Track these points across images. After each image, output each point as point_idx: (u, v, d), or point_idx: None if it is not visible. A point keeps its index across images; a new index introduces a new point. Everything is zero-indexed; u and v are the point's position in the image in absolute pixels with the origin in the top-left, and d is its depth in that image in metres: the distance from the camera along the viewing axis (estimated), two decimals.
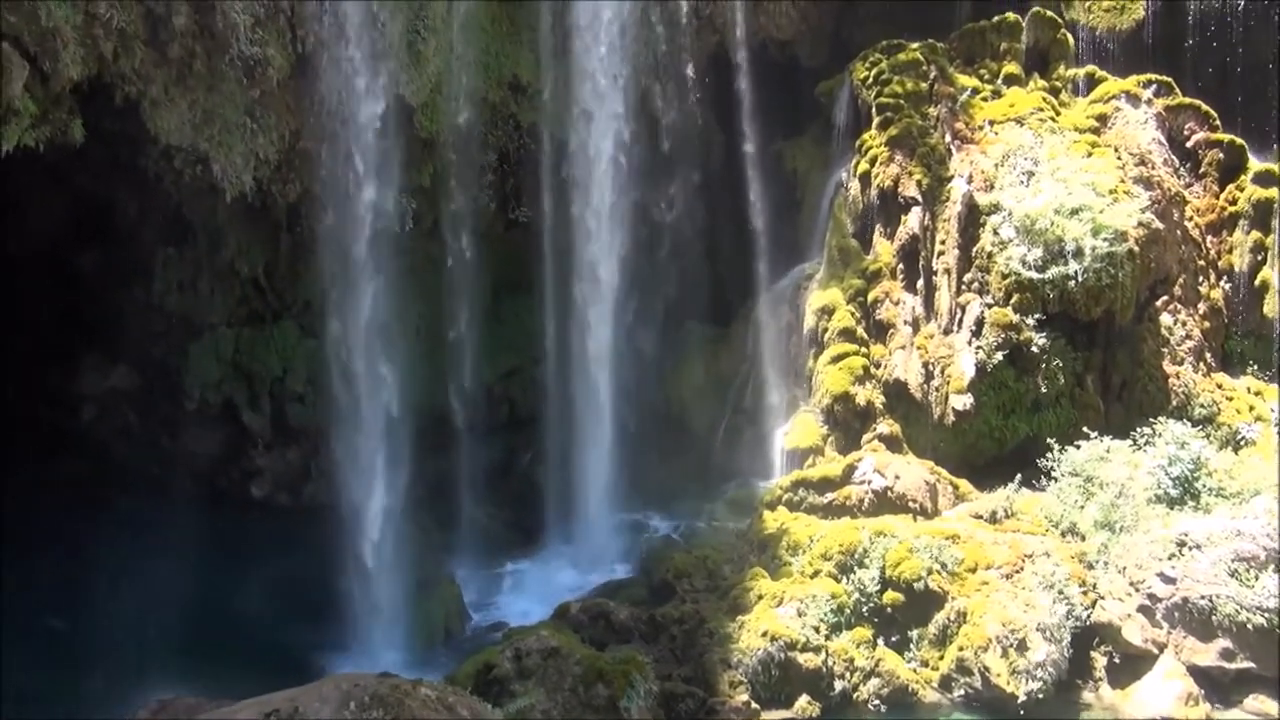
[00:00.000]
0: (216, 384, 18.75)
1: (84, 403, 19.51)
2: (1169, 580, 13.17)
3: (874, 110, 17.35)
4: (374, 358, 15.62)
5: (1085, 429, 15.39)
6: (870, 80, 17.61)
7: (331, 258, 15.77)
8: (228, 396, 18.78)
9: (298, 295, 18.62)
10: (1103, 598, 13.34)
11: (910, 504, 14.99)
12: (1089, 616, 13.12)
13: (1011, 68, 17.98)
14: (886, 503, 15.00)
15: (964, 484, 15.66)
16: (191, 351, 18.74)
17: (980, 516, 14.86)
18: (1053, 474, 15.09)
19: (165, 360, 19.03)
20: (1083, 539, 14.23)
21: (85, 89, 13.56)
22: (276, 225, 17.98)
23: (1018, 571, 13.47)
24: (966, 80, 17.71)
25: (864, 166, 17.24)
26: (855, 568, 13.59)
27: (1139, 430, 15.28)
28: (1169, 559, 13.34)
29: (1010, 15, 18.07)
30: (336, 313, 15.72)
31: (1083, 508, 14.51)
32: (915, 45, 17.67)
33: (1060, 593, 13.12)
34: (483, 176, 17.90)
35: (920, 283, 16.57)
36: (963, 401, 15.65)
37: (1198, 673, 12.69)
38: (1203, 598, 12.82)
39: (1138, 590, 13.39)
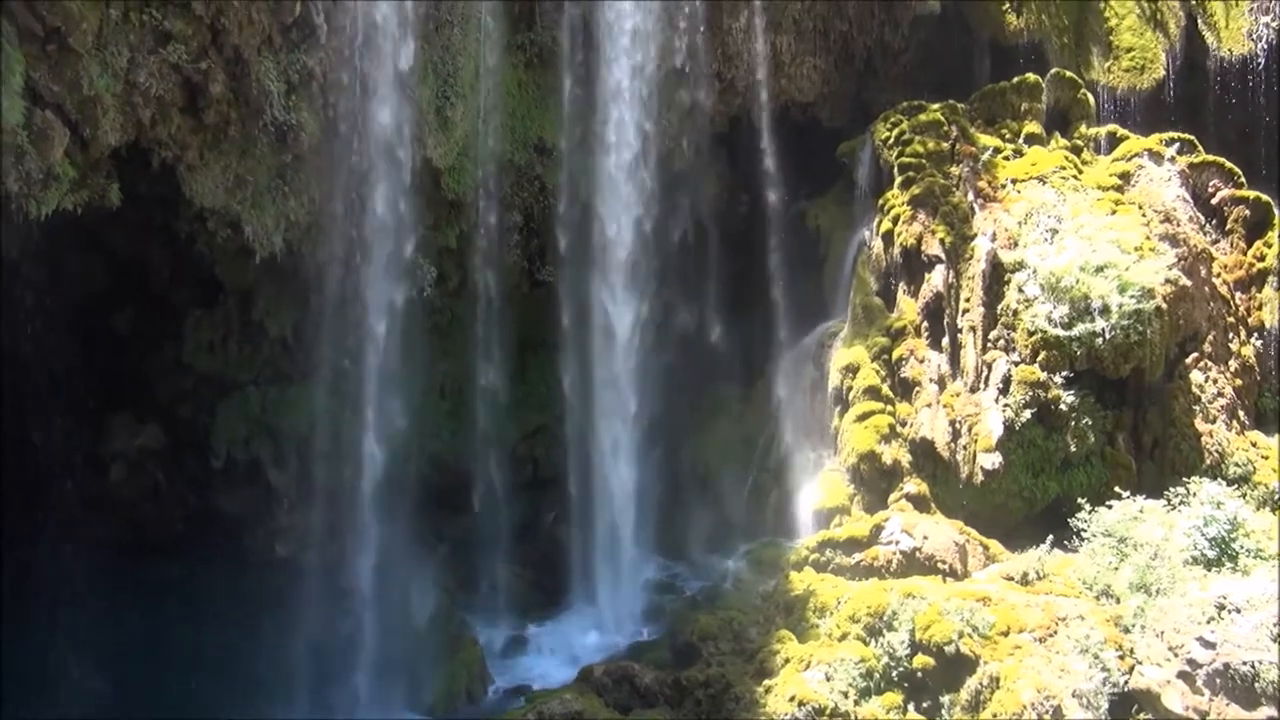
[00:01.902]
0: (244, 443, 18.87)
1: (113, 462, 19.67)
2: (1209, 645, 12.80)
3: (896, 170, 17.48)
4: (399, 417, 15.70)
5: (1117, 488, 15.12)
6: (891, 140, 17.77)
7: (359, 318, 15.96)
8: (254, 455, 18.88)
9: (325, 354, 18.80)
10: (1140, 663, 12.96)
11: (939, 565, 14.73)
12: (1126, 683, 12.74)
13: (1032, 127, 18.10)
14: (915, 564, 14.75)
15: (994, 544, 15.38)
16: (219, 410, 18.92)
17: (1011, 578, 14.56)
18: (1084, 534, 14.80)
19: (193, 419, 19.21)
20: (1118, 602, 13.88)
21: (123, 154, 13.95)
22: (305, 285, 18.24)
23: (1051, 635, 13.15)
24: (988, 140, 17.84)
25: (887, 225, 17.32)
26: (884, 630, 13.31)
27: (1172, 490, 14.99)
28: (1208, 623, 12.97)
29: (1030, 76, 18.25)
30: (363, 372, 15.86)
31: (1117, 569, 14.20)
32: (936, 106, 17.86)
33: (1096, 657, 12.76)
34: (508, 237, 18.15)
35: (945, 340, 16.50)
36: (991, 460, 15.46)
37: None
38: (1245, 663, 12.42)
39: (1177, 655, 13.00)
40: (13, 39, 11.95)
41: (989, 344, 16.13)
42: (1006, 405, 15.59)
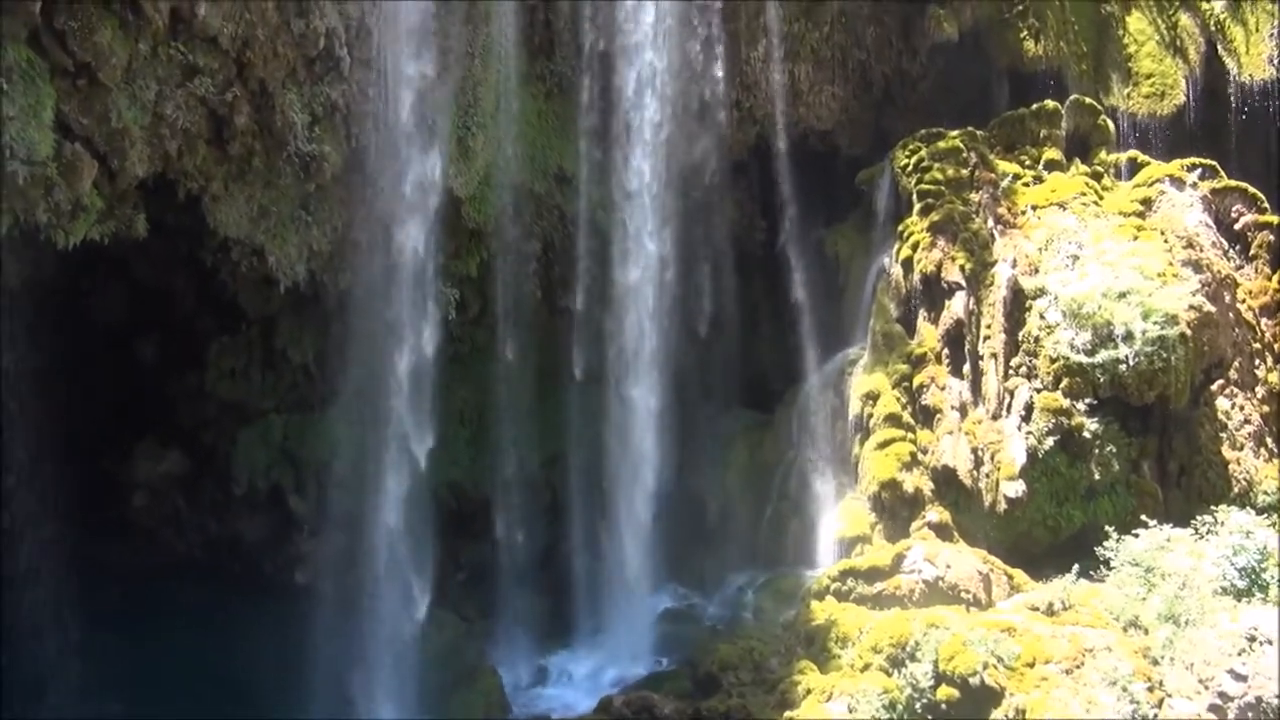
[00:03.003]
0: (265, 470, 18.96)
1: (136, 489, 19.81)
2: (1240, 678, 12.55)
3: (915, 197, 17.47)
4: (418, 444, 15.74)
5: (1143, 517, 14.92)
6: (910, 167, 17.78)
7: (380, 345, 16.05)
8: (275, 482, 18.96)
9: (346, 382, 18.91)
10: (1170, 696, 12.72)
11: (963, 594, 14.55)
12: (1156, 716, 12.48)
13: (1052, 153, 18.07)
14: (938, 593, 14.58)
15: (1018, 574, 15.19)
16: (241, 438, 19.03)
17: (1037, 608, 14.36)
18: (1111, 564, 14.59)
19: (215, 446, 19.34)
20: (1146, 633, 13.65)
21: (150, 185, 14.16)
22: (327, 314, 18.39)
23: (1078, 667, 12.93)
24: (1007, 166, 17.82)
25: (906, 252, 17.29)
26: (907, 661, 13.14)
27: (1200, 518, 14.76)
28: (1239, 655, 12.73)
29: (1049, 103, 18.25)
30: (383, 399, 15.92)
31: (1145, 599, 13.97)
32: (955, 133, 17.87)
33: (1125, 690, 12.53)
34: (528, 265, 18.24)
35: (966, 367, 16.40)
36: (1014, 488, 15.31)
37: None
38: (1277, 696, 12.18)
39: (1207, 688, 12.75)
40: (44, 74, 12.19)
41: (1011, 371, 16.02)
42: (1029, 433, 15.45)
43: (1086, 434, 15.33)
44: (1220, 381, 16.29)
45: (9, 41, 11.75)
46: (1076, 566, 14.74)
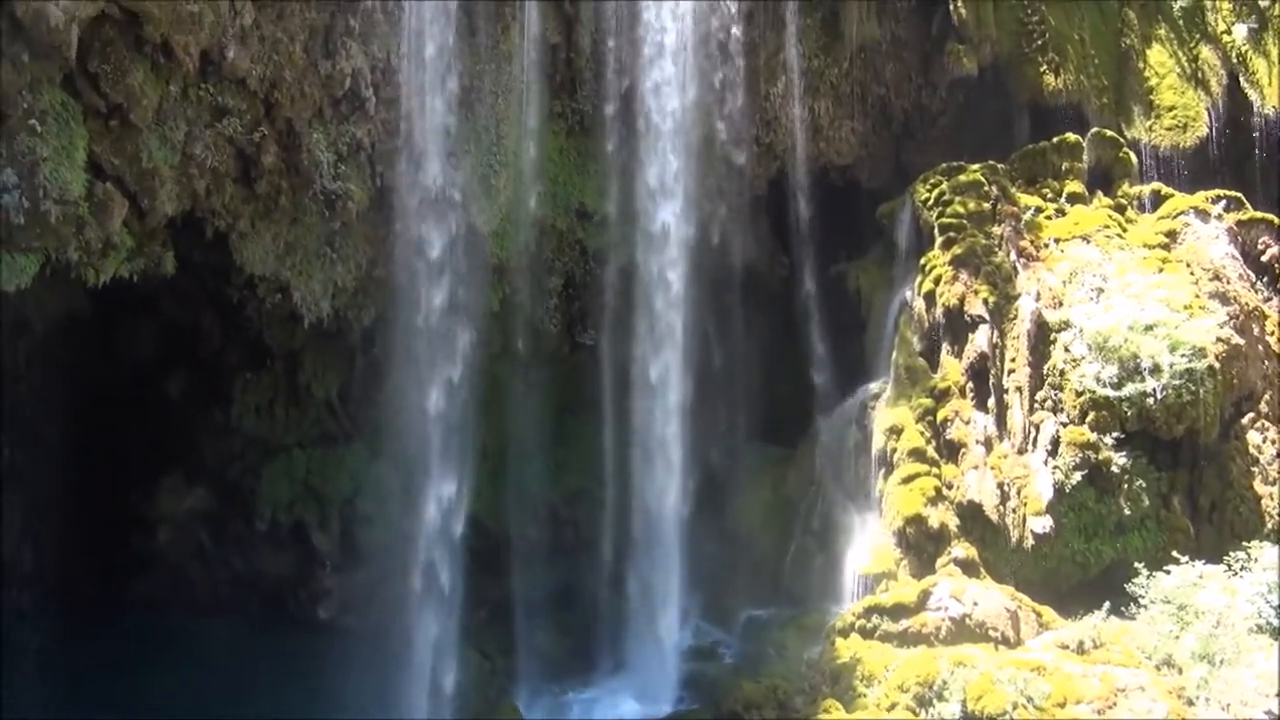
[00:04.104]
0: (288, 505, 19.03)
1: (161, 524, 19.92)
2: (1277, 719, 12.24)
3: (936, 230, 17.45)
4: (441, 480, 15.77)
5: (1174, 553, 14.65)
6: (931, 201, 17.78)
7: (402, 380, 16.15)
8: (299, 518, 19.02)
9: (369, 417, 19.02)
10: None
11: (990, 632, 14.32)
12: None
13: (1074, 186, 18.02)
14: (965, 631, 14.36)
15: (1047, 611, 14.93)
16: (265, 473, 19.13)
17: (1067, 646, 14.09)
18: (1142, 601, 14.32)
19: (240, 481, 19.45)
20: (1180, 672, 13.36)
21: (178, 223, 14.40)
22: (351, 349, 18.55)
23: (1111, 707, 12.66)
24: (1029, 199, 17.78)
25: (928, 285, 17.24)
26: (934, 700, 12.92)
27: (1233, 554, 14.48)
28: (1276, 695, 12.42)
29: (1070, 136, 18.23)
30: (405, 435, 15.99)
31: (1178, 638, 13.68)
32: (976, 166, 17.87)
33: None
34: (549, 300, 18.34)
35: (991, 401, 16.27)
36: (1042, 524, 15.10)
37: None
38: None
39: None
40: (77, 115, 12.49)
41: (1036, 405, 15.88)
42: (1056, 467, 15.27)
43: (1115, 468, 15.13)
44: (1251, 415, 16.05)
45: (44, 85, 12.06)
46: (1107, 604, 14.48)
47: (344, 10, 14.27)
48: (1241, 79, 19.11)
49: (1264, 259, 17.33)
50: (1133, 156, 18.39)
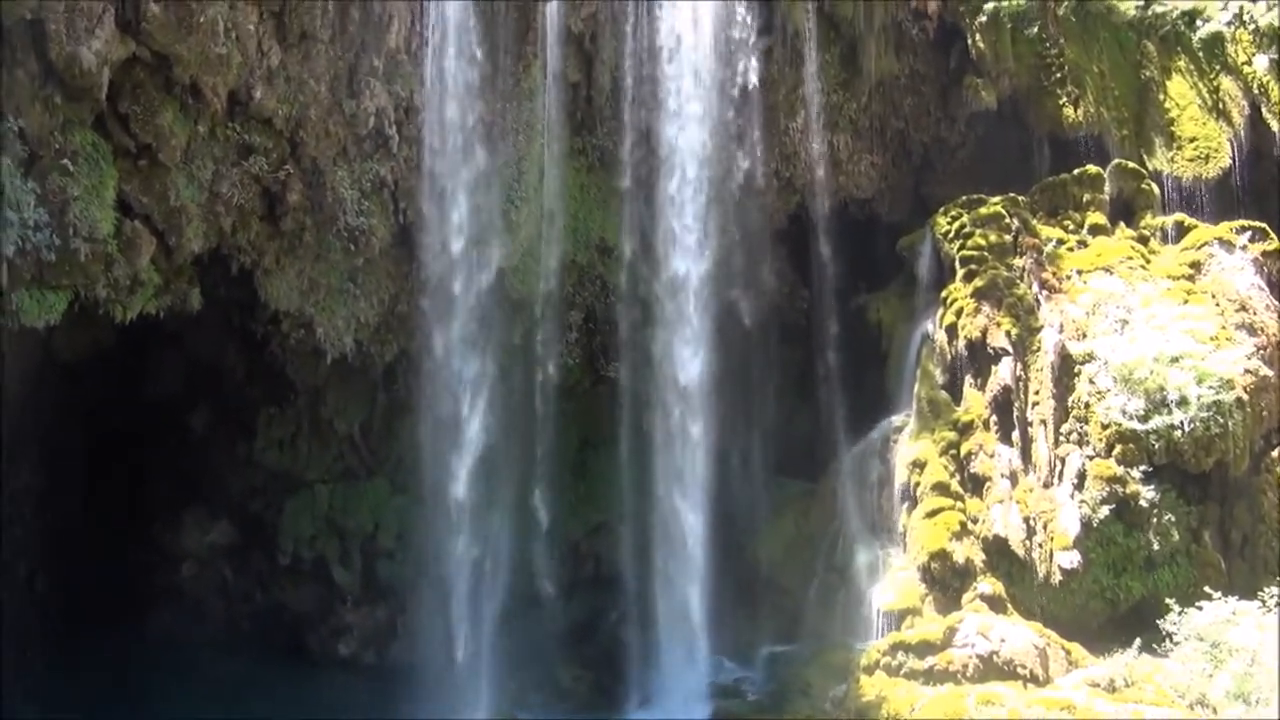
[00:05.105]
0: (310, 540, 19.07)
1: (185, 559, 20.00)
2: None
3: (957, 262, 17.40)
4: (462, 515, 15.76)
5: (1206, 588, 14.37)
6: (952, 233, 17.75)
7: (424, 414, 16.21)
8: (320, 553, 19.05)
9: (391, 452, 19.07)
10: None
11: (1019, 670, 14.06)
12: None
13: (1096, 218, 17.94)
14: (993, 668, 14.11)
15: (1076, 648, 14.66)
16: (287, 508, 19.20)
17: (1097, 684, 13.80)
18: (1174, 638, 14.04)
19: (262, 516, 19.53)
20: (1214, 711, 13.05)
21: (204, 260, 14.61)
22: (373, 384, 18.66)
23: None
24: (1050, 231, 17.71)
25: (950, 318, 17.16)
26: None
27: (1266, 590, 14.18)
28: None
29: (1091, 168, 18.18)
30: (428, 469, 16.02)
31: (1211, 676, 13.37)
32: (996, 199, 17.84)
33: None
34: (570, 335, 18.41)
35: (1015, 434, 16.11)
36: (1069, 559, 14.87)
37: None
38: None
39: None
40: (107, 155, 12.75)
41: (1061, 437, 15.70)
42: (1082, 501, 15.07)
43: (1143, 502, 14.91)
44: None
45: (75, 126, 12.33)
46: (1138, 641, 14.19)
47: (368, 51, 14.53)
48: (1264, 110, 19.02)
49: None
50: (1155, 188, 18.31)
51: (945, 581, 15.72)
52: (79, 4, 11.78)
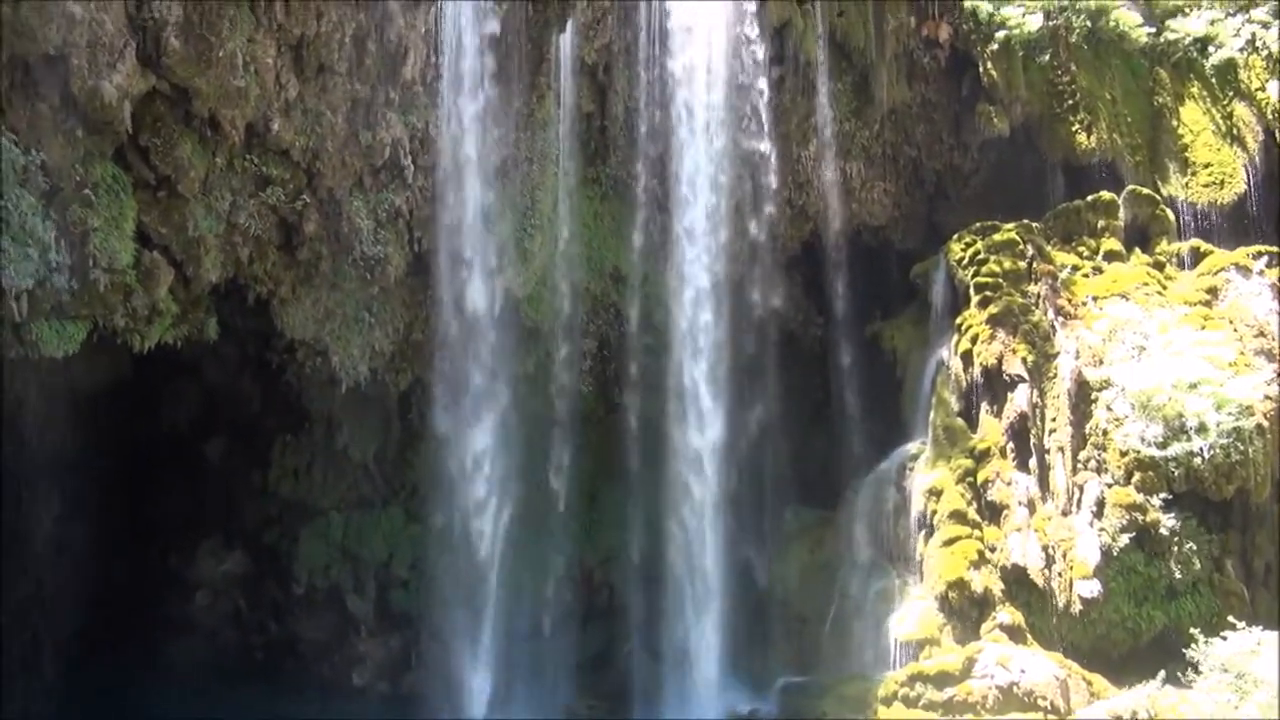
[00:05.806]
0: (324, 569, 19.04)
1: (199, 588, 19.99)
2: None
3: (972, 289, 17.35)
4: (476, 543, 15.71)
5: (1230, 618, 14.15)
6: (966, 260, 17.72)
7: (439, 444, 16.21)
8: (334, 582, 19.01)
9: (405, 480, 19.07)
10: None
11: (1039, 701, 13.86)
12: None
13: (1111, 244, 17.88)
14: (1013, 700, 13.91)
15: (1098, 679, 14.44)
16: (302, 536, 19.19)
17: (1120, 716, 13.60)
18: (1199, 669, 13.82)
19: (276, 545, 19.52)
20: None
21: (221, 289, 14.72)
22: (388, 413, 18.70)
23: None
24: (1065, 258, 17.66)
25: (965, 345, 17.09)
26: None
27: None
28: None
29: (1105, 194, 18.13)
30: (443, 498, 16.00)
31: (1237, 708, 13.14)
32: (1010, 225, 17.80)
33: None
34: (583, 363, 18.42)
35: (1032, 462, 15.98)
36: (1089, 588, 14.69)
37: None
38: None
39: None
40: (127, 187, 12.90)
41: (1079, 465, 15.57)
42: (1102, 529, 14.90)
43: (1164, 530, 14.73)
44: None
45: (96, 158, 12.48)
46: (1162, 672, 13.97)
47: (384, 83, 14.68)
48: (1278, 135, 18.99)
49: None
50: (1170, 213, 18.25)
51: (963, 611, 15.54)
52: (101, 39, 11.97)
